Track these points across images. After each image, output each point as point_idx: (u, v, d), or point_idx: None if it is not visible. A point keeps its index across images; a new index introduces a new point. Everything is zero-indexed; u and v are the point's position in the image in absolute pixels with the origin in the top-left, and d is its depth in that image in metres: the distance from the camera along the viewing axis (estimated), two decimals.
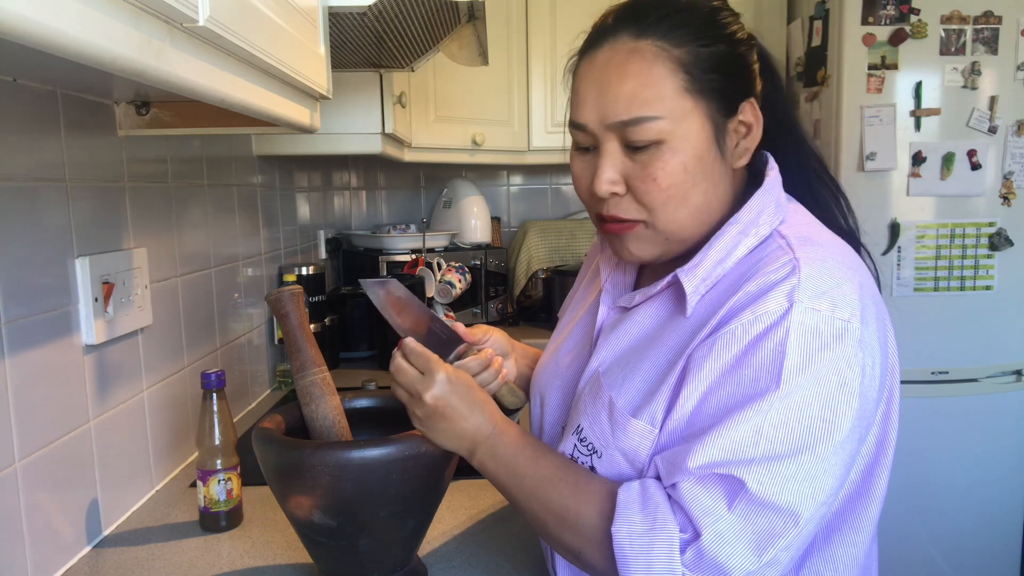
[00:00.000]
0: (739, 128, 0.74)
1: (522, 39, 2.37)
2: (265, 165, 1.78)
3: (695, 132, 0.70)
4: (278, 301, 0.85)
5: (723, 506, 0.63)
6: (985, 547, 2.21)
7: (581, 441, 0.76)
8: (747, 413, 0.63)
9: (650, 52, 0.70)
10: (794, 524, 0.62)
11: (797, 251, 0.68)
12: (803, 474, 0.62)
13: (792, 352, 0.63)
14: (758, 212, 0.73)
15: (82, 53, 0.45)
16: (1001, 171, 2.13)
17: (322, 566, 0.85)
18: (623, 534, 0.66)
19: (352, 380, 1.82)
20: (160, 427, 1.21)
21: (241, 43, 0.63)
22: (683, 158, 0.70)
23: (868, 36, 2.09)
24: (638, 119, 0.69)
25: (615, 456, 0.73)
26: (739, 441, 0.63)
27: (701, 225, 0.74)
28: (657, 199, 0.71)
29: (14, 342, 0.85)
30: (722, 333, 0.66)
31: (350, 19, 1.03)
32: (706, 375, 0.66)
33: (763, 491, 0.62)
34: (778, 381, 0.63)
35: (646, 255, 0.76)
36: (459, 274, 2.19)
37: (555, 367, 0.90)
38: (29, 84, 0.89)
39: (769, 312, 0.64)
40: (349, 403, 0.91)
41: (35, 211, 0.90)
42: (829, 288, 0.65)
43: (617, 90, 0.70)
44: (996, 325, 2.17)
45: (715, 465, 0.63)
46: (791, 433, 0.62)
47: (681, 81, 0.69)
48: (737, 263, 0.72)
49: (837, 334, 0.64)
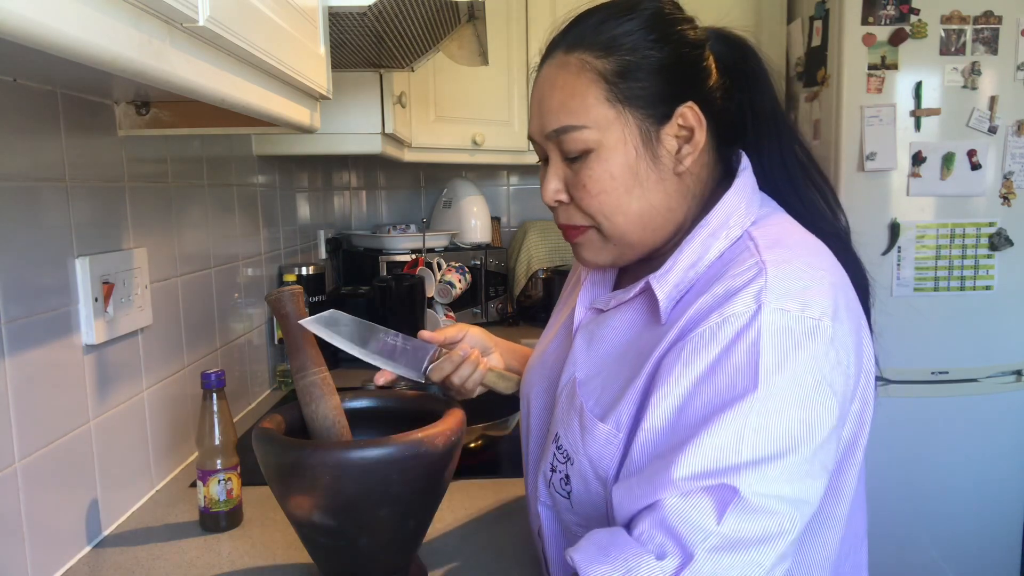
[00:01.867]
0: (679, 132, 0.73)
1: (522, 39, 2.37)
2: (265, 165, 1.78)
3: (622, 140, 0.71)
4: (278, 301, 0.85)
5: (712, 521, 0.59)
6: (985, 547, 2.21)
7: (559, 449, 0.75)
8: (727, 417, 0.60)
9: (576, 64, 0.72)
10: (790, 528, 0.60)
11: (764, 253, 0.67)
12: (790, 476, 0.60)
13: (766, 352, 0.61)
14: (728, 214, 0.72)
15: (82, 53, 0.45)
16: (1001, 171, 2.13)
17: (322, 566, 0.85)
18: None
19: (352, 380, 1.81)
20: (160, 427, 1.21)
21: (241, 43, 0.63)
22: (609, 166, 0.72)
23: (868, 36, 2.09)
24: (565, 128, 0.72)
25: (584, 463, 0.71)
26: (722, 448, 0.60)
27: (651, 230, 0.74)
28: (591, 206, 0.73)
29: (14, 342, 0.85)
30: (690, 337, 0.65)
31: (350, 19, 1.03)
32: (676, 382, 0.64)
33: (754, 497, 0.59)
34: (755, 383, 0.61)
35: (600, 260, 0.78)
36: (459, 274, 2.19)
37: (541, 368, 0.89)
38: (29, 84, 0.89)
39: (737, 314, 0.63)
40: (349, 403, 0.91)
41: (35, 211, 0.90)
42: (797, 289, 0.64)
43: (549, 102, 0.74)
44: (996, 325, 2.17)
45: (700, 476, 0.60)
46: (773, 436, 0.60)
47: (603, 91, 0.71)
48: (709, 266, 0.71)
49: (808, 332, 0.62)
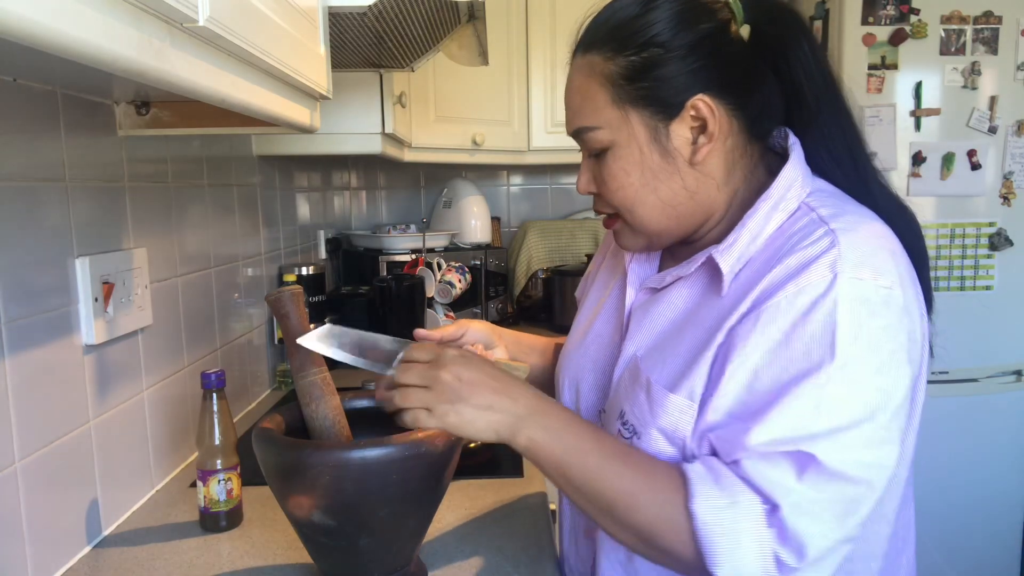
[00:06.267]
0: (693, 124, 0.74)
1: (522, 39, 2.37)
2: (265, 165, 1.78)
3: (632, 138, 0.75)
4: (278, 301, 0.84)
5: (792, 478, 0.62)
6: (985, 547, 2.21)
7: (624, 424, 0.76)
8: (804, 387, 0.63)
9: (587, 67, 0.76)
10: (868, 493, 0.63)
11: (831, 223, 0.69)
12: (867, 442, 0.63)
13: (843, 322, 0.63)
14: (787, 187, 0.74)
15: (82, 53, 0.45)
16: (1001, 171, 2.13)
17: (322, 566, 0.85)
18: (705, 510, 0.64)
19: (352, 380, 1.81)
20: (160, 427, 1.21)
21: (241, 43, 0.63)
22: (623, 163, 0.76)
23: (868, 36, 2.09)
24: (582, 129, 0.77)
25: (653, 435, 0.72)
26: (800, 416, 0.63)
27: (675, 218, 0.77)
28: (614, 199, 0.78)
29: (14, 342, 0.85)
30: (765, 307, 0.66)
31: (350, 19, 1.03)
32: (752, 350, 0.66)
33: (833, 463, 0.62)
34: (833, 353, 0.63)
35: (634, 246, 0.83)
36: (459, 274, 2.19)
37: (585, 352, 0.89)
38: (29, 84, 0.89)
39: (813, 284, 0.65)
40: (349, 403, 0.91)
41: (35, 211, 0.90)
42: (867, 257, 0.66)
43: (571, 103, 0.79)
44: (996, 325, 2.17)
45: (778, 443, 0.63)
46: (850, 404, 0.63)
47: (608, 94, 0.74)
48: (769, 239, 0.72)
49: (883, 301, 0.65)
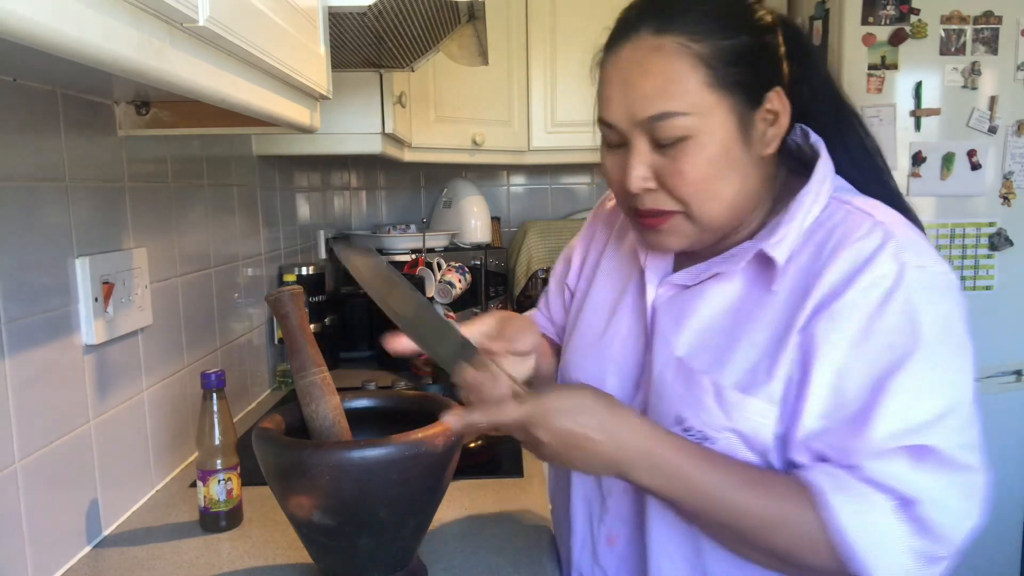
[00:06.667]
0: (766, 117, 0.73)
1: (522, 39, 2.36)
2: (265, 165, 1.78)
3: (721, 126, 0.70)
4: (278, 301, 0.84)
5: (913, 472, 0.63)
6: (985, 547, 2.20)
7: (687, 431, 0.74)
8: (899, 380, 0.64)
9: (672, 48, 0.69)
10: (979, 474, 0.65)
11: (876, 215, 0.70)
12: (966, 423, 0.65)
13: (921, 310, 0.65)
14: (821, 181, 0.74)
15: (82, 53, 0.45)
16: (1001, 171, 2.13)
17: (322, 566, 0.85)
18: (843, 520, 0.63)
19: (352, 380, 1.82)
20: (160, 427, 1.21)
21: (241, 43, 0.63)
22: (709, 152, 0.70)
23: (868, 36, 2.09)
24: (663, 115, 0.69)
25: (729, 439, 0.71)
26: (904, 410, 0.64)
27: (735, 213, 0.75)
28: (687, 193, 0.72)
29: (14, 342, 0.85)
30: (837, 305, 0.67)
31: (350, 19, 1.03)
32: (831, 350, 0.67)
33: (945, 448, 0.63)
34: (917, 341, 0.64)
35: (679, 245, 0.77)
36: (459, 274, 2.19)
37: (604, 352, 0.86)
38: (29, 84, 0.89)
39: (883, 276, 0.66)
40: (349, 403, 0.91)
41: (35, 211, 0.90)
42: (920, 245, 0.68)
43: (642, 88, 0.70)
44: (996, 325, 2.16)
45: (891, 439, 0.64)
46: (944, 389, 0.64)
47: (704, 76, 0.69)
48: (807, 232, 0.72)
49: (947, 286, 0.67)
